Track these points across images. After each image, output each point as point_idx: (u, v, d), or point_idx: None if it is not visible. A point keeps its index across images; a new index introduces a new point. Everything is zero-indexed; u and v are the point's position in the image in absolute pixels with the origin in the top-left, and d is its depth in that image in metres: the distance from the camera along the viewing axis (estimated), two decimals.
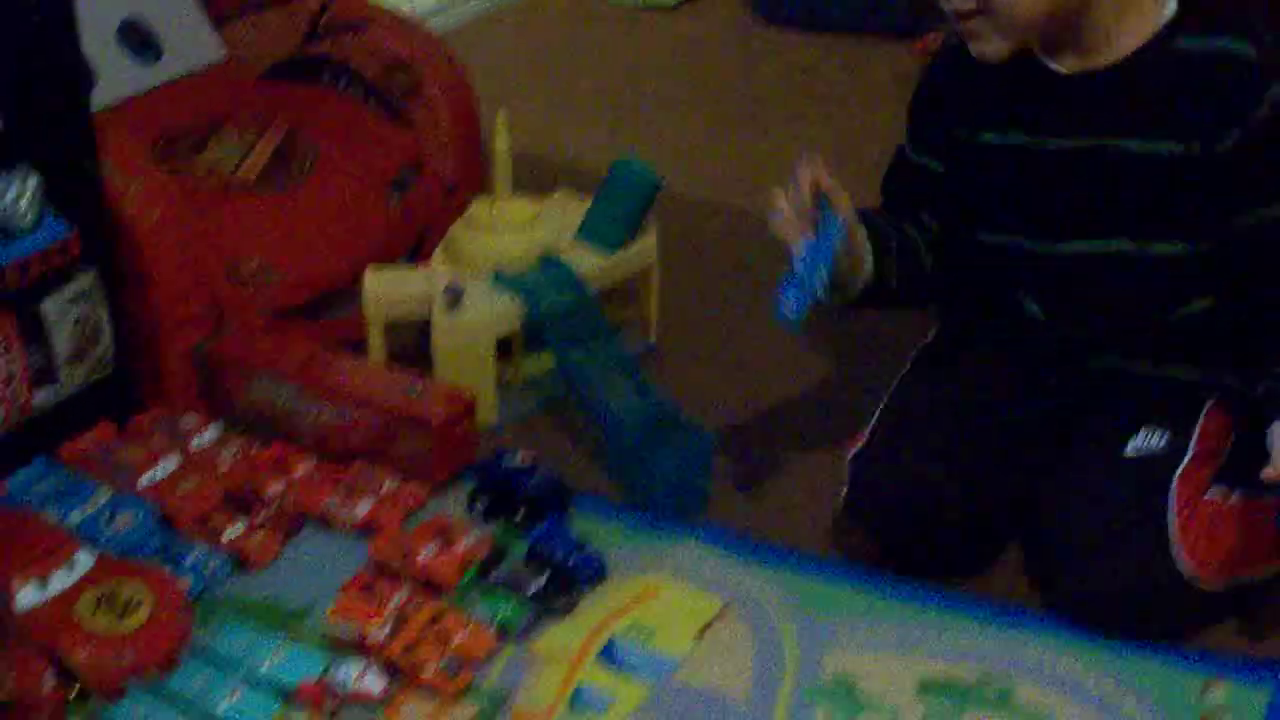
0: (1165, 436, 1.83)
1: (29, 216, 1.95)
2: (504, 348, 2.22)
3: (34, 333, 1.99)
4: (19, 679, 1.70)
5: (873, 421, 1.93)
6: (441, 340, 2.15)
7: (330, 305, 2.34)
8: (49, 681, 1.71)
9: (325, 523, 1.99)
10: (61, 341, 2.02)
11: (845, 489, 1.91)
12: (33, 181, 1.95)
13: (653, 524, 1.98)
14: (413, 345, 2.25)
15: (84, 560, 1.83)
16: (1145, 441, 1.84)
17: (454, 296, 2.14)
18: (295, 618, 1.84)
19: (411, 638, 1.78)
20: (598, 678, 1.75)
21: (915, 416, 1.92)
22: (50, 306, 2.00)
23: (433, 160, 2.46)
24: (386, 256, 2.33)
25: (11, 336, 1.96)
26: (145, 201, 2.10)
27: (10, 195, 1.93)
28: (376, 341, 2.21)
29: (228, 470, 2.05)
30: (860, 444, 1.91)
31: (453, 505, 2.01)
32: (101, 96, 2.23)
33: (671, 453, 2.02)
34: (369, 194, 2.39)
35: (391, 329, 2.22)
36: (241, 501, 1.99)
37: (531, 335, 2.21)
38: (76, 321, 2.03)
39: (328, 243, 2.32)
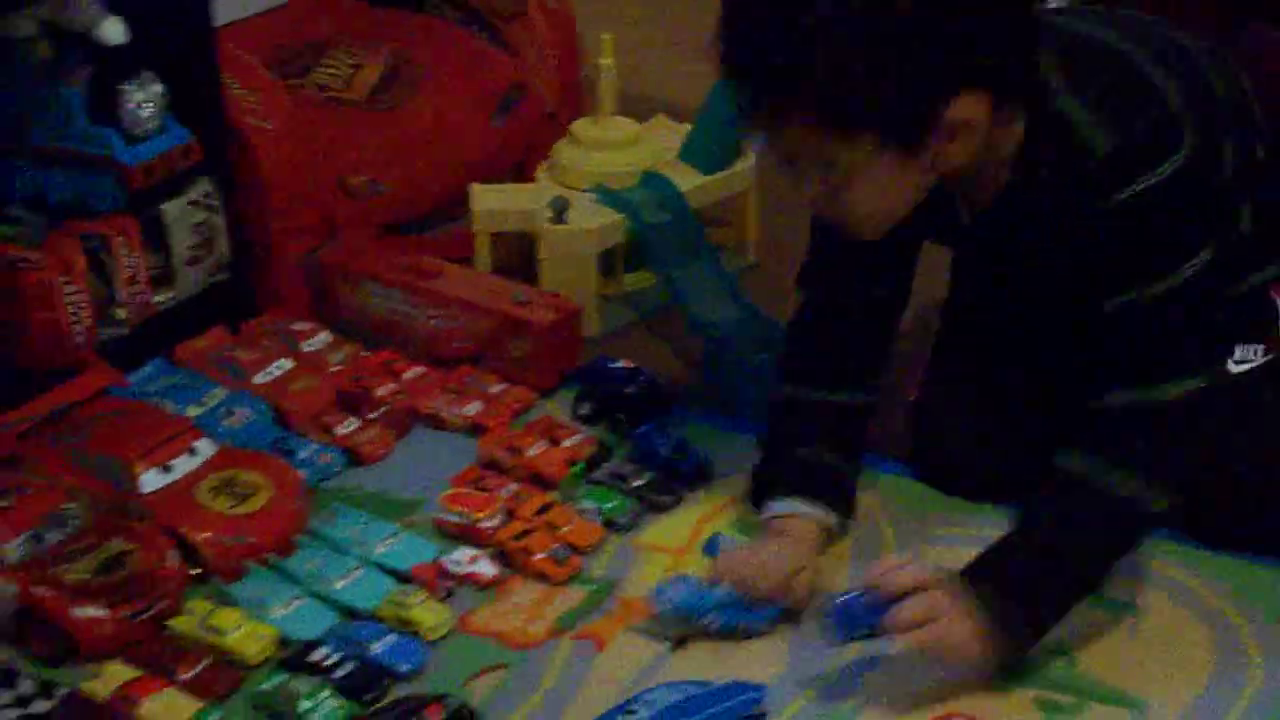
0: (1259, 349, 1.85)
1: (153, 122, 2.01)
2: (606, 267, 2.27)
3: (154, 235, 2.05)
4: (145, 557, 1.76)
5: (926, 366, 1.96)
6: (547, 250, 2.20)
7: (434, 223, 2.40)
8: (173, 559, 1.78)
9: (435, 423, 2.04)
10: (179, 244, 2.08)
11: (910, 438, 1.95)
12: (157, 89, 2.01)
13: (753, 430, 2.02)
14: (516, 263, 2.30)
15: (205, 448, 1.89)
16: (1244, 355, 1.86)
17: (560, 208, 2.19)
18: (408, 509, 1.90)
19: (521, 527, 1.83)
20: (701, 567, 1.80)
21: (966, 362, 1.93)
22: (171, 209, 2.06)
23: (534, 85, 2.51)
24: (489, 177, 2.38)
25: (135, 237, 2.02)
26: (262, 113, 2.17)
27: (136, 100, 1.99)
28: (483, 252, 2.26)
29: (338, 373, 2.10)
30: (915, 394, 1.94)
31: (558, 409, 2.06)
32: (221, 14, 2.29)
33: (771, 362, 2.05)
34: (473, 116, 2.44)
35: (495, 245, 2.28)
36: (353, 402, 2.05)
37: (633, 251, 2.26)
38: (194, 225, 2.09)
39: (433, 161, 2.38)
